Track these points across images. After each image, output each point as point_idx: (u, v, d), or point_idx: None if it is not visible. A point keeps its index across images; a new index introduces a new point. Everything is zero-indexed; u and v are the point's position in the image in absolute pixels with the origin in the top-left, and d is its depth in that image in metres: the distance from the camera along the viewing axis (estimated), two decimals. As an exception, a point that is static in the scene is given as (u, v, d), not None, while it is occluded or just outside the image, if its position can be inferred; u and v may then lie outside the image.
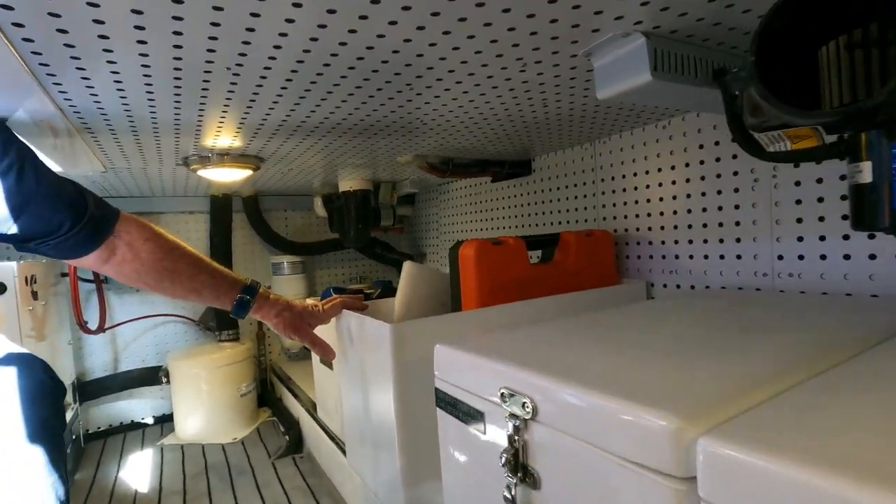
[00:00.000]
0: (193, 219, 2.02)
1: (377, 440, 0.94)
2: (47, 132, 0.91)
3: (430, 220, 2.20)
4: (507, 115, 0.99)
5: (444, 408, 0.63)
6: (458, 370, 0.60)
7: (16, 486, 0.56)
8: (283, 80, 0.70)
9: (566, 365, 0.50)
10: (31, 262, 1.32)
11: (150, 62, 0.62)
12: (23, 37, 0.53)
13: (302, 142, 1.12)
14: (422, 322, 0.87)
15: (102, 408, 1.88)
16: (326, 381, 1.34)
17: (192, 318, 2.00)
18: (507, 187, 1.66)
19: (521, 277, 1.06)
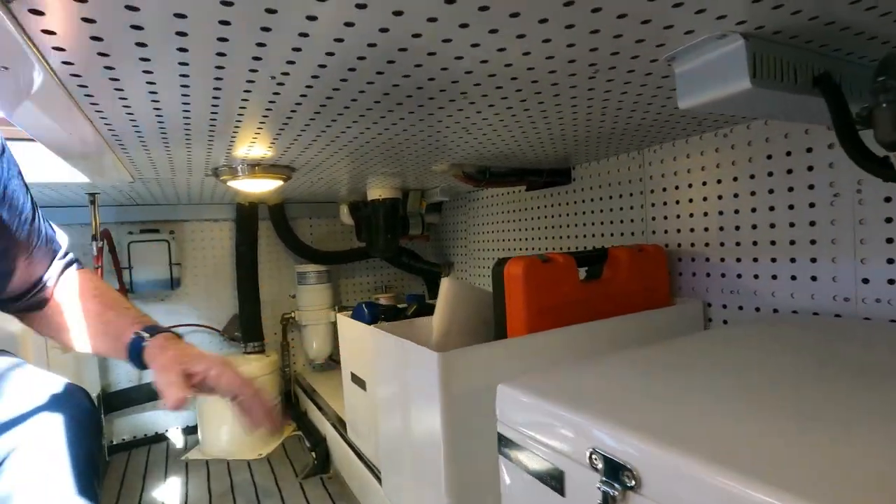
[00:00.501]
0: (219, 227, 1.99)
1: (420, 475, 0.88)
2: (77, 144, 0.87)
3: (457, 228, 2.14)
4: (551, 126, 0.92)
5: (510, 457, 0.56)
6: (529, 416, 0.53)
7: None
8: (324, 98, 0.65)
9: (673, 424, 0.43)
10: (57, 275, 1.29)
11: (189, 82, 0.59)
12: (63, 60, 0.51)
13: (336, 153, 1.06)
14: (471, 351, 0.80)
15: (127, 419, 1.85)
16: (358, 400, 1.28)
17: (216, 329, 1.97)
18: (542, 196, 1.59)
19: (571, 298, 0.98)
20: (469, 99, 0.71)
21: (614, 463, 0.42)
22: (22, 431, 0.53)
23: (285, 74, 0.57)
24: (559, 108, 0.79)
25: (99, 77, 0.56)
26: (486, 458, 0.80)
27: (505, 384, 0.58)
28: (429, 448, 0.82)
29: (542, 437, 0.51)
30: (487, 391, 0.80)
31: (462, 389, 0.78)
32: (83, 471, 0.56)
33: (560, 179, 1.49)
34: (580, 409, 0.47)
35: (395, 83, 0.63)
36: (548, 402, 0.51)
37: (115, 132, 0.81)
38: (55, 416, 0.57)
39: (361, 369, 1.24)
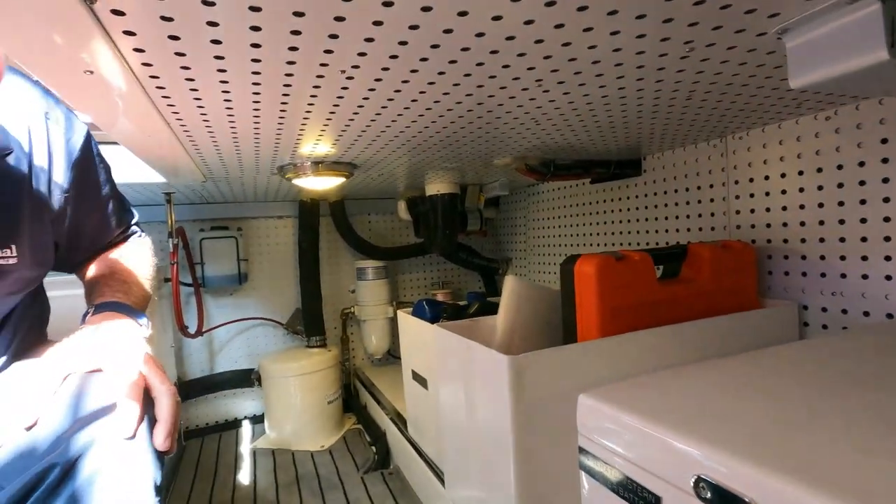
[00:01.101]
0: (282, 223, 2.05)
1: (488, 482, 0.85)
2: (154, 146, 0.90)
3: (516, 223, 2.08)
4: (627, 113, 0.85)
5: (594, 475, 0.52)
6: (616, 433, 0.49)
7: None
8: (392, 92, 0.62)
9: (797, 454, 0.37)
10: (138, 271, 1.36)
11: (261, 80, 0.59)
12: (142, 61, 0.52)
13: (397, 150, 1.05)
14: (542, 355, 0.76)
15: (201, 407, 1.95)
16: (420, 399, 1.27)
17: (280, 322, 2.03)
18: (608, 189, 1.51)
19: (647, 299, 0.92)
20: (543, 86, 0.67)
21: (727, 494, 0.37)
22: (99, 428, 0.55)
23: (356, 68, 0.55)
24: (640, 92, 0.73)
25: (176, 77, 0.56)
26: (561, 469, 0.76)
27: (587, 395, 0.53)
28: (497, 455, 0.79)
29: (634, 457, 0.46)
30: (560, 398, 0.76)
31: (532, 395, 0.74)
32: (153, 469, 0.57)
33: (629, 171, 1.41)
34: (684, 432, 0.42)
35: (467, 72, 0.59)
36: (641, 420, 0.46)
37: (190, 133, 0.83)
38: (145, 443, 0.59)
39: (423, 367, 1.22)
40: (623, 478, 0.47)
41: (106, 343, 0.61)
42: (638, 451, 0.46)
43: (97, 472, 0.53)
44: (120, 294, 0.70)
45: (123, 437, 0.54)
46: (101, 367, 0.60)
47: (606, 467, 0.49)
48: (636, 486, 0.46)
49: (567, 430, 0.56)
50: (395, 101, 0.69)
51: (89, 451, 0.53)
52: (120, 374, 0.58)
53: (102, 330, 0.63)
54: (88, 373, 0.59)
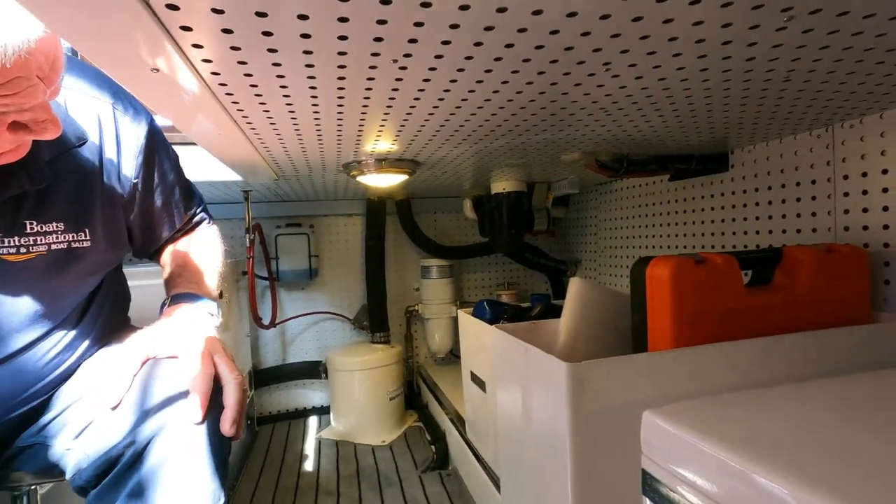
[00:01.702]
0: (351, 221, 2.10)
1: (542, 494, 0.80)
2: (228, 146, 0.95)
3: (586, 223, 1.98)
4: (712, 101, 0.76)
5: (659, 501, 0.46)
6: (687, 459, 0.43)
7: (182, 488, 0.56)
8: (447, 82, 0.60)
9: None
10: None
11: (316, 83, 0.60)
12: (219, 82, 0.58)
13: (459, 144, 1.02)
14: (606, 364, 0.69)
15: (273, 395, 2.05)
16: (478, 401, 1.24)
17: (347, 317, 2.09)
18: (689, 187, 1.38)
19: (732, 308, 0.82)
20: (612, 70, 0.61)
21: (826, 548, 0.30)
22: (170, 413, 0.58)
23: (407, 56, 0.53)
24: (726, 74, 0.64)
25: (240, 83, 0.58)
26: (623, 489, 0.69)
27: (653, 412, 0.47)
28: (553, 469, 0.74)
29: (706, 485, 0.40)
30: (625, 412, 0.69)
31: (594, 407, 0.69)
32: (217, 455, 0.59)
33: (713, 167, 1.28)
34: (769, 465, 0.36)
35: (526, 57, 0.55)
36: (717, 446, 0.40)
37: (258, 133, 0.85)
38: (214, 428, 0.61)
39: (481, 369, 1.19)
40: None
41: (180, 333, 0.66)
42: (711, 482, 0.39)
43: (166, 456, 0.56)
44: (193, 285, 0.75)
45: (192, 422, 0.57)
46: (175, 354, 0.64)
47: (673, 496, 0.44)
48: (709, 522, 0.39)
49: (633, 448, 0.50)
50: (453, 92, 0.67)
51: (160, 435, 0.57)
52: (192, 362, 0.61)
53: (177, 320, 0.68)
54: (165, 359, 0.64)
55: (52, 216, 0.60)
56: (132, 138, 0.68)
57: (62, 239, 0.61)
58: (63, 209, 0.61)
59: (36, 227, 0.59)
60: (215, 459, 0.59)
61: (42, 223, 0.60)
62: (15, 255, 0.58)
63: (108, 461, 0.57)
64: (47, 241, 0.60)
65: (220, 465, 0.60)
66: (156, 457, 0.56)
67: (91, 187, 0.64)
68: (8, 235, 0.57)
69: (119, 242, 0.71)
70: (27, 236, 0.59)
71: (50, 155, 0.59)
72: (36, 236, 0.59)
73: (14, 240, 0.58)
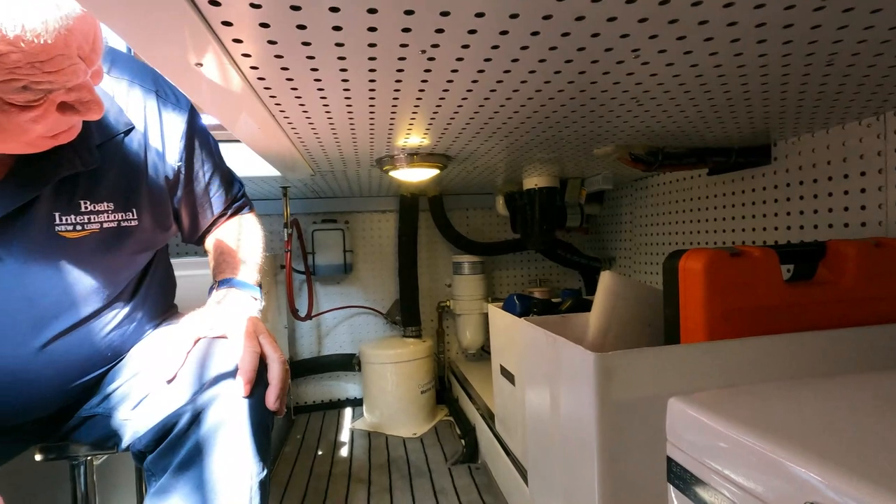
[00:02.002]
0: (385, 218, 2.14)
1: (569, 487, 0.80)
2: (269, 142, 1.00)
3: (621, 220, 1.95)
4: (749, 88, 0.74)
5: (684, 490, 0.45)
6: (711, 444, 0.42)
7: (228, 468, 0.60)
8: (475, 73, 0.61)
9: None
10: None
11: (348, 76, 0.63)
12: (258, 76, 0.61)
13: (489, 138, 1.03)
14: (634, 355, 0.69)
15: (309, 386, 2.12)
16: (507, 394, 1.24)
17: (380, 312, 2.13)
18: (730, 181, 1.34)
19: (770, 303, 0.79)
20: (641, 56, 0.60)
21: (851, 533, 0.29)
22: (220, 387, 0.62)
23: (435, 47, 0.54)
24: (763, 59, 0.63)
25: (277, 76, 0.61)
26: (649, 479, 0.68)
27: (679, 399, 0.47)
28: (580, 460, 0.74)
29: (731, 472, 0.39)
30: (654, 405, 0.68)
31: (622, 399, 0.68)
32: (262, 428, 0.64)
33: (754, 159, 1.24)
34: (797, 449, 0.35)
35: (553, 46, 0.56)
36: (741, 430, 0.39)
37: (295, 127, 0.89)
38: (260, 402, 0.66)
39: (510, 363, 1.19)
40: (717, 496, 0.41)
41: (228, 315, 0.71)
42: (738, 469, 0.39)
43: (218, 423, 0.61)
44: (238, 271, 0.80)
45: (240, 396, 0.62)
46: (224, 334, 0.69)
47: (698, 483, 0.43)
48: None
49: (661, 440, 0.50)
50: (481, 83, 0.68)
51: (211, 407, 0.61)
52: (239, 342, 0.67)
53: (226, 304, 0.74)
54: (215, 339, 0.69)
55: (102, 197, 0.66)
56: (174, 125, 0.73)
57: (112, 218, 0.66)
58: (112, 191, 0.67)
59: (89, 207, 0.64)
60: (260, 432, 0.63)
61: (94, 203, 0.65)
62: (72, 232, 0.63)
63: (164, 429, 0.62)
64: (99, 219, 0.65)
65: (264, 438, 0.64)
66: (206, 426, 0.61)
67: (137, 171, 0.69)
68: (65, 214, 0.63)
69: (164, 224, 0.76)
70: (82, 215, 0.64)
71: (99, 140, 0.64)
72: (89, 215, 0.64)
73: (71, 217, 0.63)
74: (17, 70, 0.46)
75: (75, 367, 0.69)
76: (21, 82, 0.47)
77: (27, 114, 0.51)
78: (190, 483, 0.60)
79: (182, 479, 0.60)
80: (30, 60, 0.46)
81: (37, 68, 0.47)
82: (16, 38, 0.44)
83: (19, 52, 0.45)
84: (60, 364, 0.66)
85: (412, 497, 1.34)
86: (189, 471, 0.60)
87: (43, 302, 0.63)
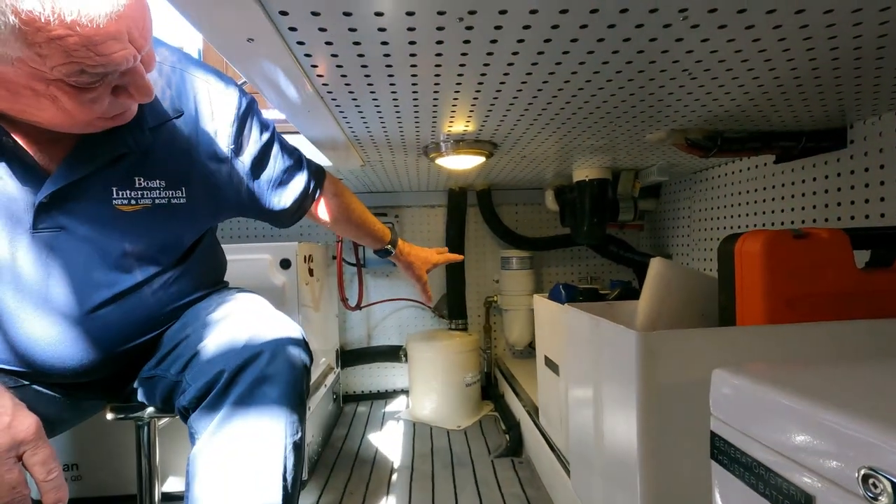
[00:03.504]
0: (433, 212, 2.16)
1: (611, 475, 0.77)
2: (321, 137, 1.05)
3: (678, 215, 1.86)
4: (819, 61, 0.68)
5: (729, 466, 0.43)
6: (758, 415, 0.39)
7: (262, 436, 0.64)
8: (514, 43, 0.60)
9: None
10: (309, 244, 1.57)
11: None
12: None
13: (535, 121, 1.01)
14: (680, 336, 0.65)
15: (357, 375, 2.17)
16: (550, 386, 1.22)
17: (428, 305, 2.14)
18: (799, 169, 1.24)
19: (840, 290, 0.73)
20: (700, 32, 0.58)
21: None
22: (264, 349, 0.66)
23: (472, 13, 0.54)
24: (831, 30, 0.58)
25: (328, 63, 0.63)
26: (695, 464, 0.64)
27: (724, 370, 0.44)
28: (622, 446, 0.71)
29: (780, 443, 0.37)
30: (701, 387, 0.65)
31: (667, 381, 0.65)
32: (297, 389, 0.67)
33: (827, 144, 1.14)
34: (851, 413, 0.32)
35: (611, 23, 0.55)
36: (792, 397, 0.36)
37: (344, 113, 0.92)
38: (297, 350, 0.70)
39: (555, 353, 1.17)
40: (765, 471, 0.38)
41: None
42: (786, 437, 0.36)
43: (255, 384, 0.65)
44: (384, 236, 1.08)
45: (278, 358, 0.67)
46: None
47: (743, 458, 0.40)
48: (781, 481, 0.36)
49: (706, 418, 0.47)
50: (540, 65, 0.67)
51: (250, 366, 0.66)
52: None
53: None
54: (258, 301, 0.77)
55: (154, 175, 0.72)
56: (225, 109, 0.78)
57: (163, 195, 0.72)
58: (163, 169, 0.72)
59: (143, 183, 0.70)
60: (294, 395, 0.67)
61: (147, 180, 0.71)
62: (127, 206, 0.69)
63: (205, 388, 0.66)
64: (151, 195, 0.71)
65: (298, 400, 0.67)
66: (244, 387, 0.64)
67: (187, 153, 0.75)
68: (122, 189, 0.69)
69: (214, 202, 0.80)
70: (136, 190, 0.70)
71: (152, 123, 0.70)
72: (142, 191, 0.70)
73: (126, 192, 0.69)
74: (75, 53, 0.50)
75: (124, 332, 0.74)
76: (78, 65, 0.52)
77: (86, 95, 0.56)
78: (227, 442, 0.63)
79: (219, 437, 0.63)
80: (85, 44, 0.50)
81: (91, 51, 0.51)
82: (73, 22, 0.48)
83: (76, 35, 0.49)
84: (110, 328, 0.72)
85: (454, 485, 1.34)
86: (226, 429, 0.63)
87: (98, 269, 0.69)
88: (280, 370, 0.66)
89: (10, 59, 0.49)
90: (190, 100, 0.75)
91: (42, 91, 0.53)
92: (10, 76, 0.51)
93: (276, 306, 0.80)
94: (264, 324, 0.70)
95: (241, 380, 0.65)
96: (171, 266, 0.77)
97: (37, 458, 0.55)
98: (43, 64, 0.50)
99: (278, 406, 0.64)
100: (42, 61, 0.50)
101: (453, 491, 1.31)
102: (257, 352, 0.66)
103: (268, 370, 0.65)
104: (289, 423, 0.64)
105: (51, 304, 0.66)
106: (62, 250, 0.66)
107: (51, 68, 0.50)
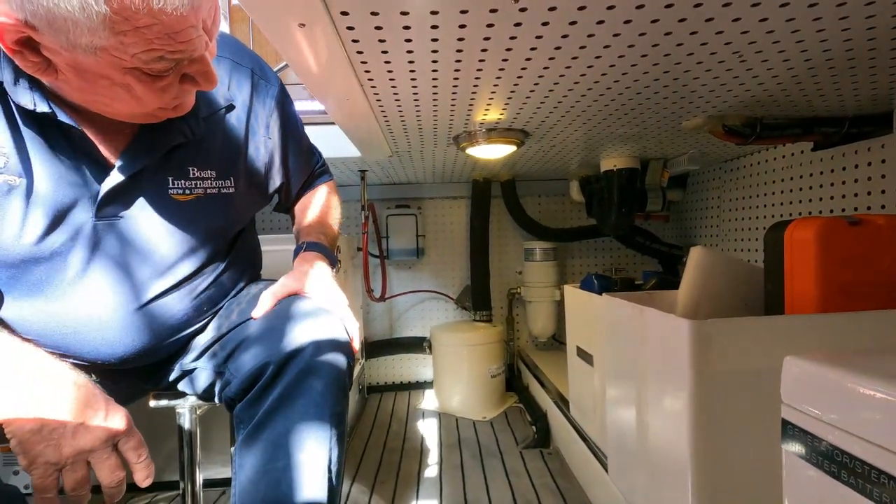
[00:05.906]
0: (456, 204, 2.15)
1: (658, 470, 0.76)
2: (350, 112, 1.04)
3: (707, 205, 1.82)
4: (850, 39, 0.66)
5: (803, 454, 0.42)
6: (836, 401, 0.38)
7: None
8: (559, 37, 0.59)
9: None
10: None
11: (438, 57, 0.66)
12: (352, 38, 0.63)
13: (571, 109, 1.00)
14: (735, 323, 0.64)
15: (382, 366, 2.18)
16: (583, 377, 1.21)
17: (451, 297, 2.15)
18: (840, 157, 1.21)
19: None
20: (733, 14, 0.56)
21: None
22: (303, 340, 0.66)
23: (523, 11, 0.53)
24: (869, 8, 0.55)
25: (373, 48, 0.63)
26: (749, 454, 0.63)
27: (795, 357, 0.43)
28: (670, 438, 0.70)
29: (860, 428, 0.36)
30: (756, 380, 0.63)
31: (721, 372, 0.64)
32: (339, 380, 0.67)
33: (871, 129, 1.11)
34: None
35: (639, 4, 0.53)
36: (871, 381, 0.35)
37: (380, 98, 0.91)
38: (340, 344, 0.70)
39: (588, 343, 1.16)
40: (849, 458, 0.37)
41: (314, 276, 0.77)
42: (866, 422, 0.35)
43: (301, 375, 0.65)
44: (321, 236, 0.86)
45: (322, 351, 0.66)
46: (310, 292, 0.73)
47: (820, 444, 0.39)
48: (867, 467, 0.35)
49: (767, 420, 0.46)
50: (564, 49, 0.66)
51: (296, 358, 0.66)
52: (321, 298, 0.74)
53: (311, 267, 0.79)
54: (301, 297, 0.75)
55: (206, 165, 0.72)
56: (267, 102, 0.80)
57: (214, 185, 0.73)
58: (214, 159, 0.73)
59: (196, 173, 0.71)
60: (338, 387, 0.67)
61: (200, 170, 0.72)
62: (182, 196, 0.70)
63: (251, 379, 0.67)
64: (204, 185, 0.72)
65: (341, 393, 0.67)
66: (290, 379, 0.64)
67: (236, 143, 0.75)
68: (177, 178, 0.70)
69: (258, 193, 0.82)
70: (190, 180, 0.71)
71: (205, 113, 0.71)
72: (196, 181, 0.71)
73: (181, 182, 0.70)
74: (157, 41, 0.51)
75: (173, 322, 0.74)
76: (158, 53, 0.52)
77: (158, 83, 0.56)
78: (275, 432, 0.63)
79: (267, 427, 0.64)
80: (167, 31, 0.50)
81: (171, 38, 0.51)
82: (159, 10, 0.48)
83: (160, 24, 0.49)
84: (161, 317, 0.72)
85: (484, 476, 1.35)
86: (274, 420, 0.64)
87: (153, 258, 0.70)
88: (324, 362, 0.66)
89: (95, 48, 0.49)
90: (237, 90, 0.75)
91: (118, 80, 0.53)
92: (90, 66, 0.51)
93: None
94: (308, 314, 0.71)
95: (287, 371, 0.65)
96: (218, 257, 0.78)
97: (129, 444, 0.60)
98: (125, 52, 0.50)
99: (323, 398, 0.65)
100: (124, 49, 0.50)
101: (484, 482, 1.32)
102: (303, 344, 0.66)
103: (312, 362, 0.65)
104: (333, 415, 0.64)
105: (106, 291, 0.67)
106: (121, 239, 0.67)
107: (131, 56, 0.51)
